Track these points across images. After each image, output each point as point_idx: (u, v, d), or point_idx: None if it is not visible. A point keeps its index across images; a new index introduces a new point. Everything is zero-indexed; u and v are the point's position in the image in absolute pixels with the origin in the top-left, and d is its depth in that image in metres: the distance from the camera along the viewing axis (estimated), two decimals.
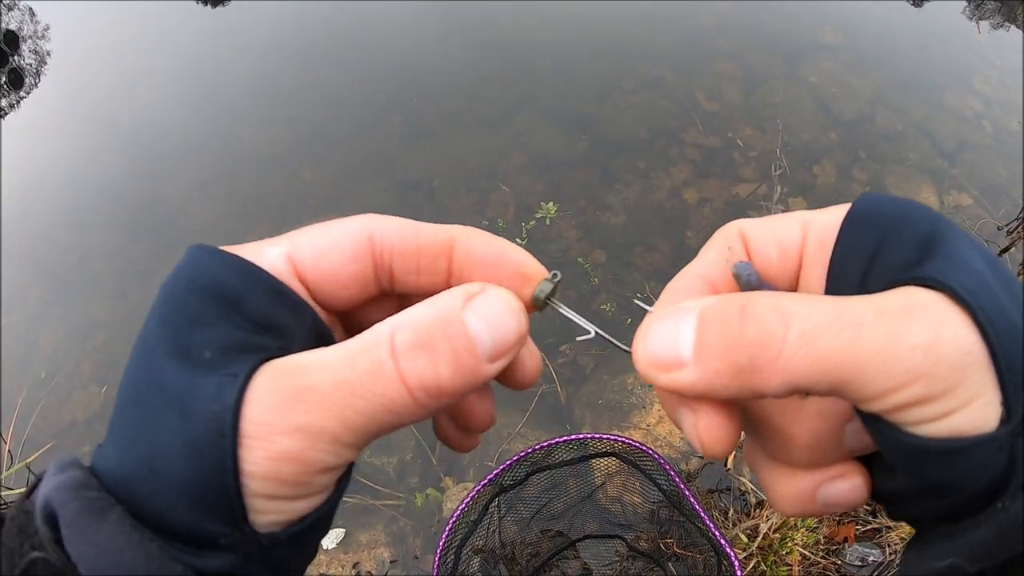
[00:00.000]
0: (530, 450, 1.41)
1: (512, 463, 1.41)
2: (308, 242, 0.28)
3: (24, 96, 3.91)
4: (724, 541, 1.29)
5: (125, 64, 3.92)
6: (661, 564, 1.58)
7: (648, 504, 1.61)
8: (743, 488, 1.94)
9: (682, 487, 1.38)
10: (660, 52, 3.45)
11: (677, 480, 1.39)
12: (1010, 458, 0.22)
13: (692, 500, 1.37)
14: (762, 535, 1.72)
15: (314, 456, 0.23)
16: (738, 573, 1.24)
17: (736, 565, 1.25)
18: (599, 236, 2.65)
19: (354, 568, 1.94)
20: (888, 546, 1.76)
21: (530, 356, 0.31)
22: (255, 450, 0.23)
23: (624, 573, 1.62)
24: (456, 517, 1.38)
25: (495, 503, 1.48)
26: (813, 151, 2.95)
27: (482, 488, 1.41)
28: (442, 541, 1.35)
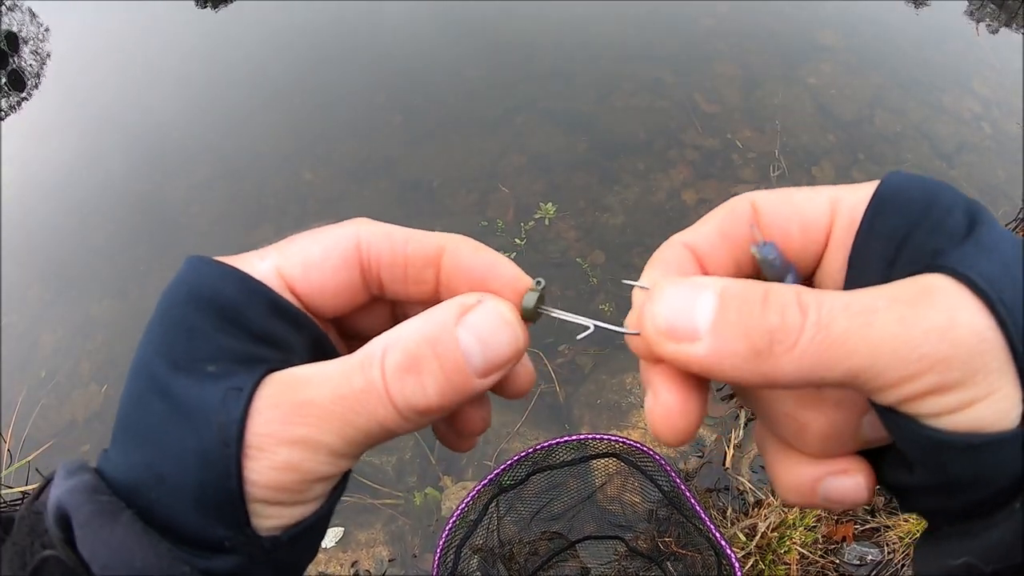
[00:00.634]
0: (530, 450, 1.41)
1: (512, 463, 1.42)
2: (297, 254, 0.29)
3: (25, 98, 3.91)
4: (723, 540, 1.29)
5: (125, 65, 3.93)
6: (660, 564, 1.58)
7: (647, 504, 1.61)
8: (741, 487, 1.95)
9: (681, 487, 1.39)
10: (660, 54, 3.46)
11: (676, 480, 1.40)
12: None
13: (691, 499, 1.37)
14: (760, 534, 1.72)
15: (313, 467, 0.25)
16: (737, 572, 1.24)
17: (735, 564, 1.25)
18: (598, 237, 2.66)
19: (352, 567, 1.94)
20: (886, 545, 1.76)
21: (523, 368, 0.31)
22: (258, 460, 0.24)
23: (623, 573, 1.63)
24: (456, 516, 1.38)
25: (495, 503, 1.48)
26: (812, 152, 2.95)
27: (482, 488, 1.42)
28: (442, 540, 1.36)
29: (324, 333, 0.30)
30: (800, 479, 0.28)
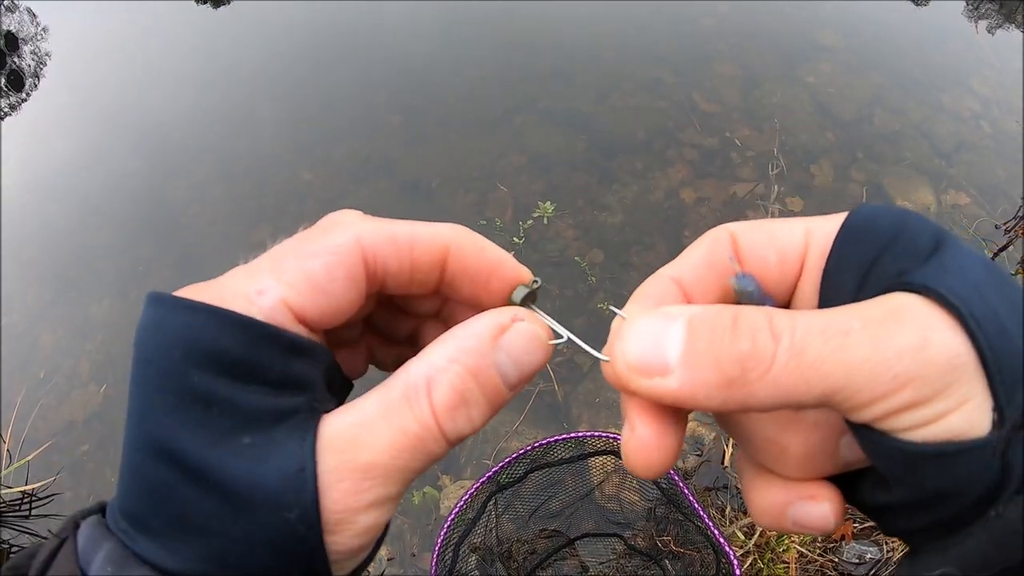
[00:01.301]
0: (528, 448, 1.42)
1: (510, 461, 1.42)
2: (300, 279, 0.26)
3: (24, 98, 3.92)
4: (722, 539, 1.29)
5: (125, 65, 3.93)
6: (658, 562, 1.58)
7: (645, 502, 1.61)
8: (740, 486, 1.95)
9: (681, 485, 1.39)
10: (659, 53, 3.46)
11: (676, 478, 1.40)
12: (1003, 464, 0.22)
13: (690, 498, 1.38)
14: (759, 532, 1.72)
15: (386, 518, 0.26)
16: (737, 571, 1.24)
17: (734, 563, 1.25)
18: (597, 236, 2.66)
19: None
20: (886, 543, 1.76)
21: None
22: (340, 534, 0.24)
23: (621, 571, 1.63)
24: (454, 515, 1.38)
25: (493, 501, 1.48)
26: (811, 151, 2.95)
27: (480, 486, 1.42)
28: (440, 539, 1.36)
29: (333, 356, 0.28)
30: (771, 502, 0.28)
